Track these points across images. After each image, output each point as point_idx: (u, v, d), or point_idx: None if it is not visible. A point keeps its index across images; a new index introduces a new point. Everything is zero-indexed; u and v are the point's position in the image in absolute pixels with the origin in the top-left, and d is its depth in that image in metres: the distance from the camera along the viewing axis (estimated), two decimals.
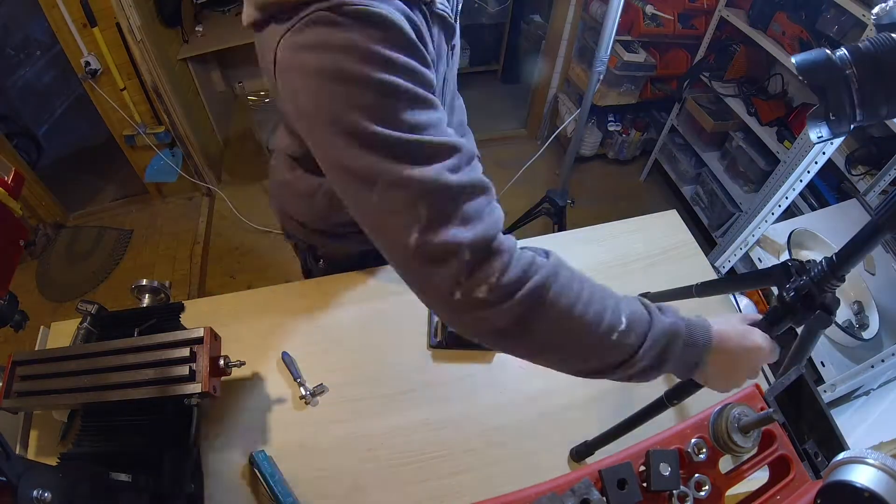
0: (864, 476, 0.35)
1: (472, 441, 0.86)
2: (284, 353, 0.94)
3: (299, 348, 0.96)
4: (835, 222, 1.54)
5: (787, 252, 1.35)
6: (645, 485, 0.45)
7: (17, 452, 0.73)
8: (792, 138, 1.95)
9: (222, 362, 0.76)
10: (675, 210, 1.24)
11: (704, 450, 0.47)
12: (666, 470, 0.45)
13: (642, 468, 0.46)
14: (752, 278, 0.80)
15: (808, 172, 1.21)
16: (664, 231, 1.19)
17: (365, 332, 0.99)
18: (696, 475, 0.46)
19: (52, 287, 2.34)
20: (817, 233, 1.42)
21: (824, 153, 1.17)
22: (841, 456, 0.37)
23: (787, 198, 1.28)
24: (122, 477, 0.66)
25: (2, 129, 2.32)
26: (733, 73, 2.24)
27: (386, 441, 0.86)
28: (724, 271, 1.42)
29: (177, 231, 2.54)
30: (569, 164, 2.18)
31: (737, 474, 0.48)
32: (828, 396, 1.13)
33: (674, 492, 0.45)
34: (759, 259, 1.42)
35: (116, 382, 0.72)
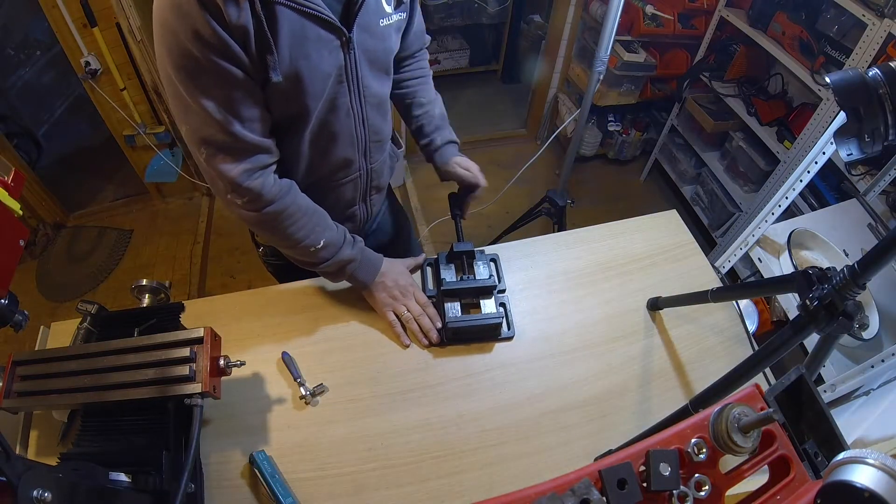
0: (864, 476, 0.35)
1: (472, 441, 0.86)
2: (284, 353, 0.94)
3: (299, 348, 0.96)
4: (835, 222, 1.54)
5: (787, 252, 1.35)
6: (645, 485, 0.45)
7: (17, 452, 0.73)
8: (792, 138, 1.95)
9: (222, 362, 0.76)
10: (675, 210, 1.24)
11: (704, 450, 0.47)
12: (666, 470, 0.45)
13: (642, 468, 0.46)
14: (771, 285, 0.80)
15: (808, 172, 1.21)
16: (664, 231, 1.19)
17: (365, 331, 0.99)
18: (696, 475, 0.46)
19: (52, 287, 2.34)
20: (817, 233, 1.42)
21: (824, 153, 1.17)
22: (841, 456, 0.37)
23: (787, 198, 1.28)
24: (122, 477, 0.66)
25: (2, 129, 2.32)
26: (733, 73, 2.24)
27: (386, 441, 0.86)
28: (723, 271, 1.42)
29: (177, 231, 2.54)
30: (569, 164, 2.18)
31: (737, 474, 0.48)
32: (828, 396, 1.13)
33: (674, 492, 0.45)
34: (758, 259, 1.42)
35: (116, 382, 0.72)
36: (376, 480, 0.82)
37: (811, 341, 1.16)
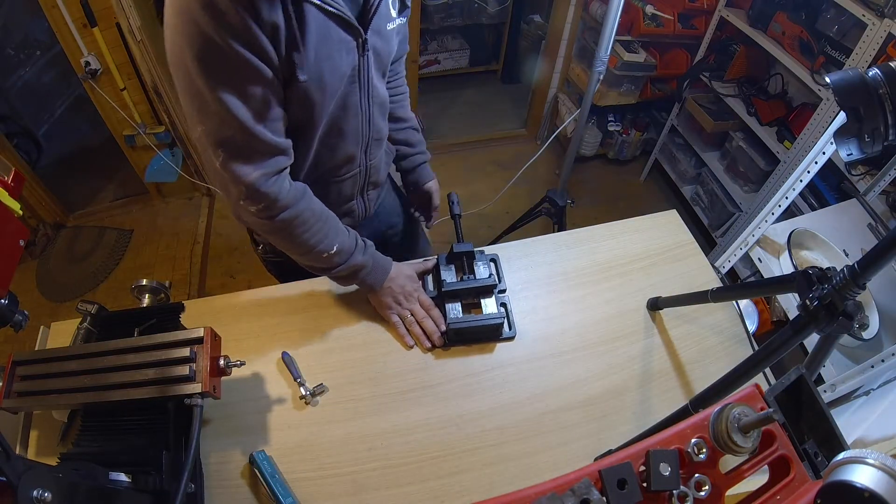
0: (864, 476, 0.35)
1: (472, 441, 0.86)
2: (284, 353, 0.94)
3: (299, 348, 0.96)
4: (835, 222, 1.54)
5: (787, 252, 1.35)
6: (645, 485, 0.45)
7: (17, 452, 0.73)
8: (792, 138, 1.95)
9: (222, 362, 0.76)
10: (675, 210, 1.24)
11: (704, 450, 0.47)
12: (666, 470, 0.45)
13: (642, 468, 0.46)
14: (771, 285, 0.79)
15: (808, 172, 1.21)
16: (664, 231, 1.19)
17: (365, 331, 0.99)
18: (696, 475, 0.46)
19: (52, 287, 2.34)
20: (817, 233, 1.42)
21: (824, 153, 1.16)
22: (841, 456, 0.37)
23: (787, 198, 1.28)
24: (122, 477, 0.66)
25: (2, 129, 2.32)
26: (733, 73, 2.24)
27: (386, 441, 0.86)
28: (723, 271, 1.42)
29: (177, 231, 2.54)
30: (569, 164, 2.18)
31: (737, 474, 0.48)
32: (828, 396, 1.13)
33: (674, 492, 0.45)
34: (758, 259, 1.42)
35: (116, 382, 0.72)
36: (376, 480, 0.82)
37: (811, 341, 1.16)
